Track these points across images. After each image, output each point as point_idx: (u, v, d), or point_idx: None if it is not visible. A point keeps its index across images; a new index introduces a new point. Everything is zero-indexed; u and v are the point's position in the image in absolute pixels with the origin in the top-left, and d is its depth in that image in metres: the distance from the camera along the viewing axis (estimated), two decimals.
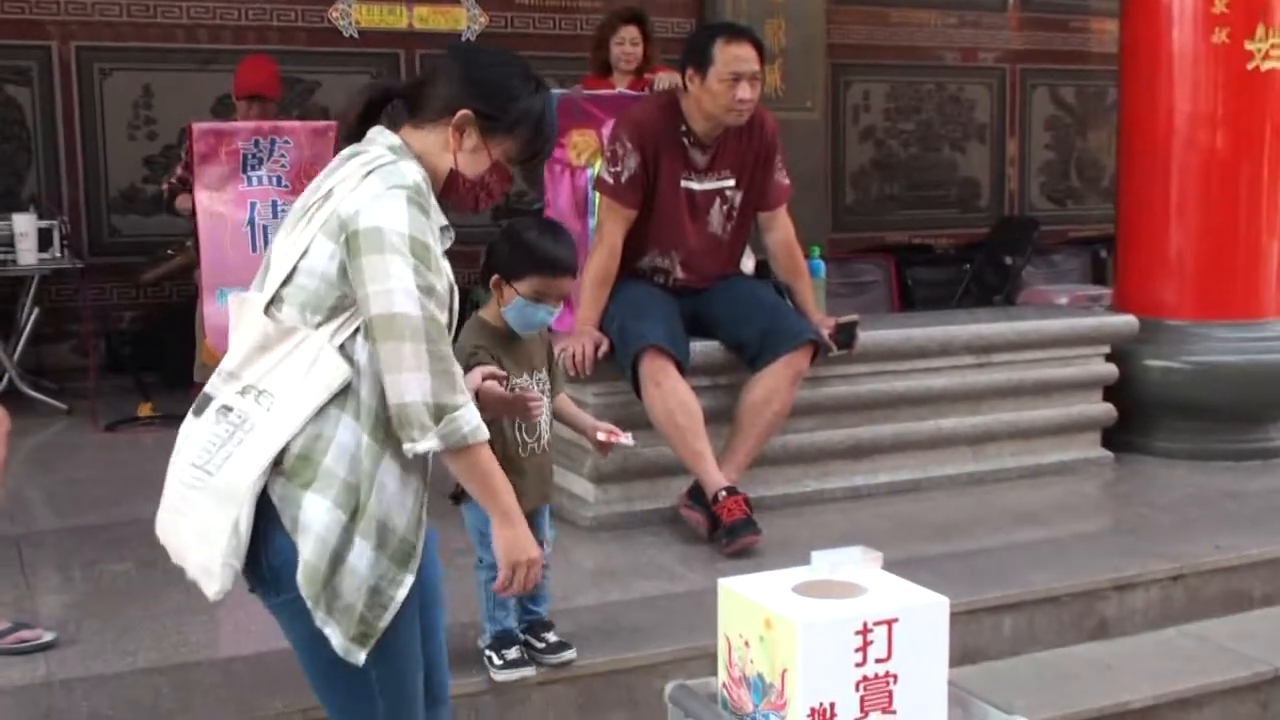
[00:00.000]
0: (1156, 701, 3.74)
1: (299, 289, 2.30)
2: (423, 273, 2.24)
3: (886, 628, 2.33)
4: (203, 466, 2.28)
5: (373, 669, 2.31)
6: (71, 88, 7.94)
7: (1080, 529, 4.62)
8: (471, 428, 2.28)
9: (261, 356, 2.32)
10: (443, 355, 2.25)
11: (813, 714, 2.28)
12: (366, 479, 2.27)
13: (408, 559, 2.30)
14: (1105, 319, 5.53)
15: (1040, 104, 10.80)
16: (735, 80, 4.36)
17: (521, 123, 2.45)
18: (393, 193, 2.27)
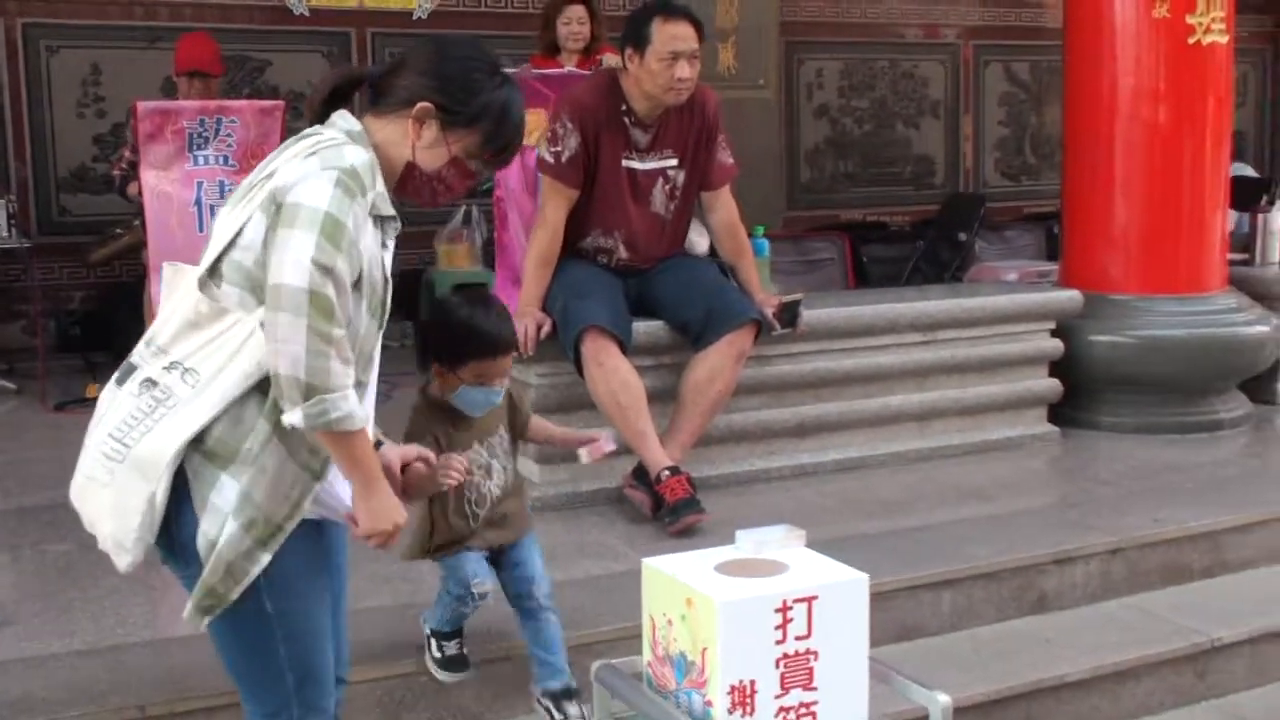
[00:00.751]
0: (1094, 674, 3.77)
1: (235, 265, 2.29)
2: (325, 250, 2.20)
3: (806, 605, 2.35)
4: (121, 439, 2.28)
5: (282, 646, 2.34)
6: (19, 65, 7.89)
7: (1023, 504, 4.65)
8: (340, 414, 2.22)
9: (192, 333, 2.32)
10: (323, 334, 2.18)
11: (732, 691, 2.29)
12: (249, 458, 2.27)
13: (269, 540, 2.29)
14: (1050, 294, 5.55)
15: (994, 80, 10.84)
16: (673, 59, 4.36)
17: (482, 117, 2.43)
18: (326, 173, 2.26)
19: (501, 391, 3.09)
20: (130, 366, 2.35)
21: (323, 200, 2.22)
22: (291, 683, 2.38)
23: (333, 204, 2.23)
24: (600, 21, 6.52)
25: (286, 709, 2.39)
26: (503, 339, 3.05)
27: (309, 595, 2.38)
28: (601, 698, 2.54)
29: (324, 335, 2.19)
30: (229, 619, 2.32)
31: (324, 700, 2.44)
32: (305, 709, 2.40)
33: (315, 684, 2.41)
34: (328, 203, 2.22)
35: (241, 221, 2.30)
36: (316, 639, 2.41)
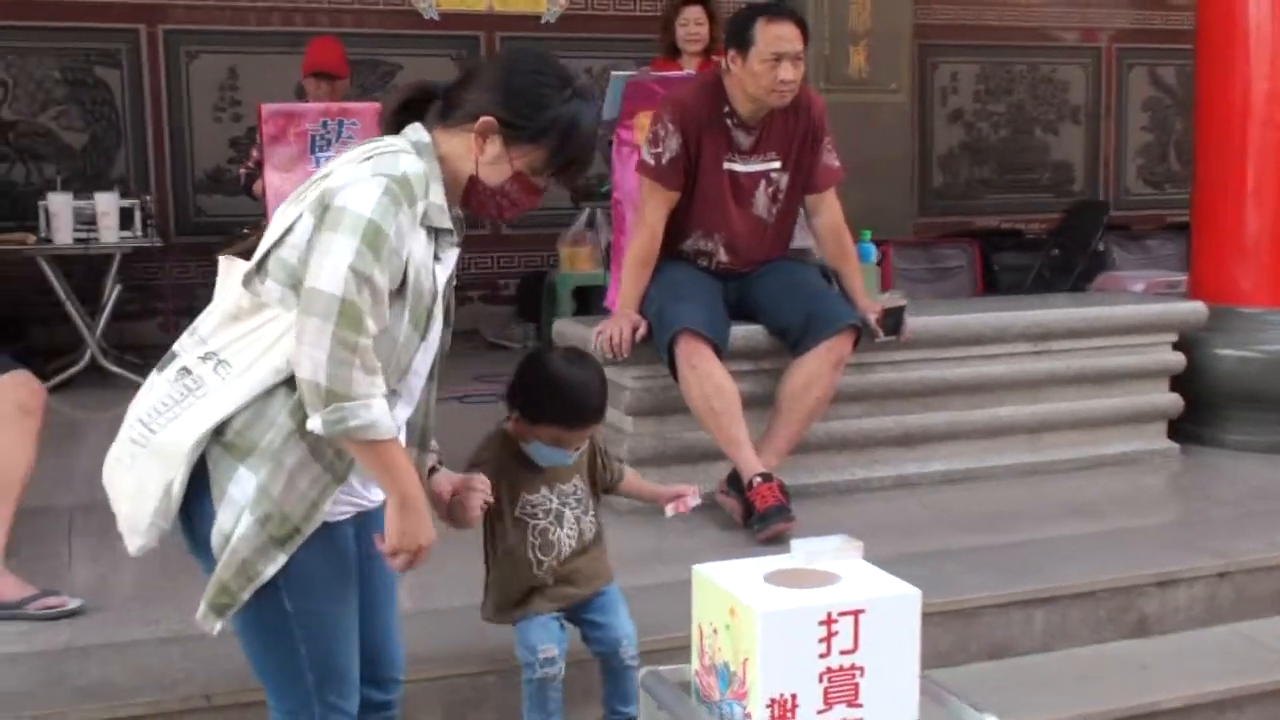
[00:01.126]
0: (1190, 702, 3.61)
1: (281, 262, 2.31)
2: (365, 257, 2.20)
3: (853, 619, 2.28)
4: (148, 425, 2.32)
5: (302, 646, 2.35)
6: (159, 70, 8.14)
7: (1130, 522, 4.48)
8: (359, 423, 2.21)
9: (232, 325, 2.34)
10: (348, 342, 2.19)
11: (773, 704, 2.24)
12: (271, 453, 2.27)
13: (287, 541, 2.29)
14: (1172, 306, 5.36)
15: (1138, 84, 10.53)
16: (777, 61, 4.30)
17: (547, 133, 2.41)
18: (375, 180, 2.26)
19: (575, 455, 3.02)
20: (172, 354, 2.39)
21: (367, 207, 2.23)
22: (311, 682, 2.38)
23: (377, 211, 2.23)
24: (719, 23, 6.48)
25: (307, 708, 2.40)
26: (589, 412, 2.97)
27: (331, 596, 2.38)
28: (647, 705, 2.51)
29: (348, 343, 2.19)
30: (250, 617, 2.33)
31: (346, 701, 2.43)
32: (327, 708, 2.40)
33: (337, 684, 2.41)
34: (372, 209, 2.23)
35: (292, 219, 2.32)
36: (338, 640, 2.41)
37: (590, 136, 2.49)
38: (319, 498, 2.31)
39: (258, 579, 2.28)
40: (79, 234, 6.87)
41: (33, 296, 7.52)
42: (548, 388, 2.95)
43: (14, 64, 7.92)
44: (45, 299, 7.20)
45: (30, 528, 4.25)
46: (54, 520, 4.40)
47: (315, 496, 2.31)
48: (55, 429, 5.30)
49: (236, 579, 2.28)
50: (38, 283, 7.12)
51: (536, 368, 3.02)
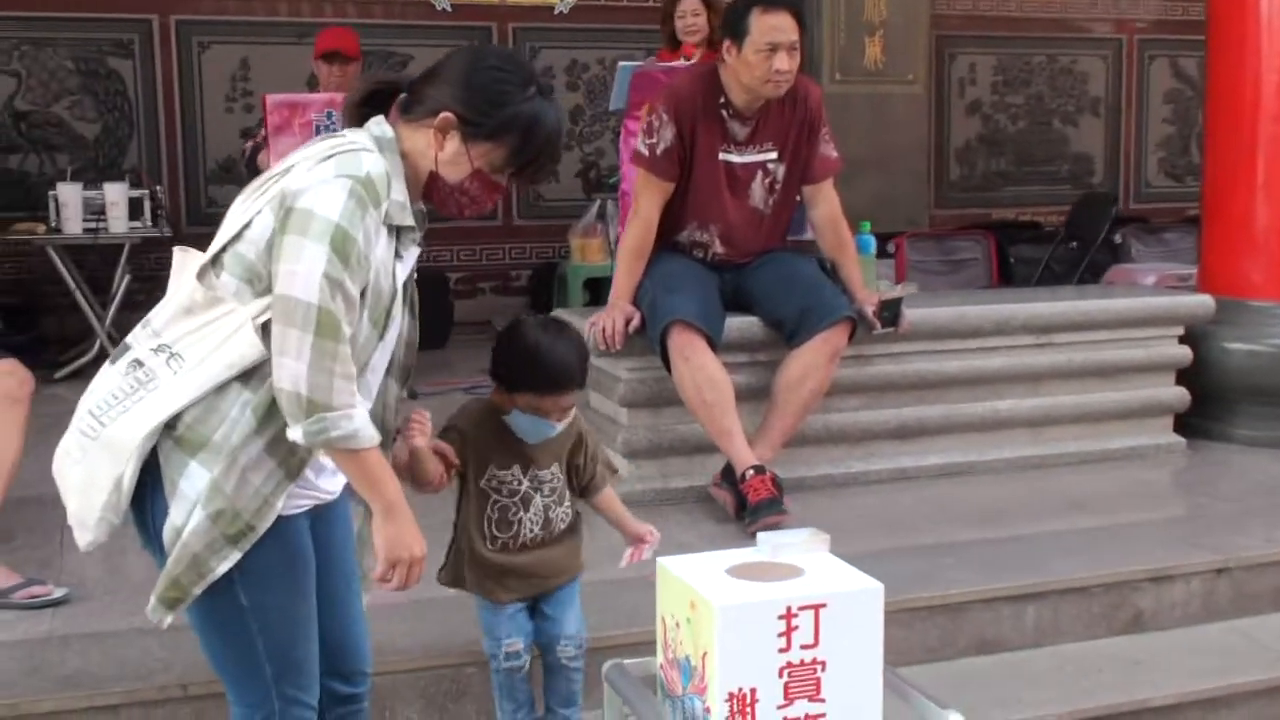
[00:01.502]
0: (1181, 700, 3.57)
1: (239, 257, 2.28)
2: (335, 265, 2.18)
3: (814, 613, 2.25)
4: (99, 417, 2.29)
5: (259, 639, 2.34)
6: (171, 60, 8.13)
7: (1129, 517, 4.43)
8: (340, 433, 2.21)
9: (185, 319, 2.30)
10: (329, 351, 2.18)
11: (731, 699, 2.21)
12: (229, 451, 2.24)
13: (240, 538, 2.26)
14: (1178, 299, 5.31)
15: (1159, 76, 10.40)
16: (771, 51, 4.27)
17: (506, 131, 2.36)
18: (339, 181, 2.22)
19: (557, 427, 2.97)
20: (125, 346, 2.36)
21: (334, 211, 2.20)
22: (270, 675, 2.36)
23: (344, 216, 2.20)
24: (719, 13, 6.44)
25: (267, 701, 2.38)
26: (563, 377, 2.93)
27: (287, 589, 2.35)
28: (611, 698, 2.49)
29: (329, 352, 2.18)
30: (205, 611, 2.32)
31: (305, 693, 2.41)
32: (286, 701, 2.38)
33: (295, 676, 2.39)
34: (339, 214, 2.20)
35: (250, 215, 2.28)
36: (296, 632, 2.39)
37: (552, 136, 2.43)
38: (272, 494, 2.29)
39: (209, 575, 2.26)
40: (89, 224, 6.89)
41: (45, 286, 7.57)
42: (523, 354, 2.92)
43: (28, 54, 7.94)
44: (57, 289, 7.22)
45: (25, 516, 4.27)
46: (49, 509, 4.36)
47: (268, 493, 2.28)
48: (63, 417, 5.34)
49: (187, 574, 2.26)
50: (49, 272, 7.15)
51: (513, 335, 2.99)
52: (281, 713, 2.38)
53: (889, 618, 3.39)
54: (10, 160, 7.94)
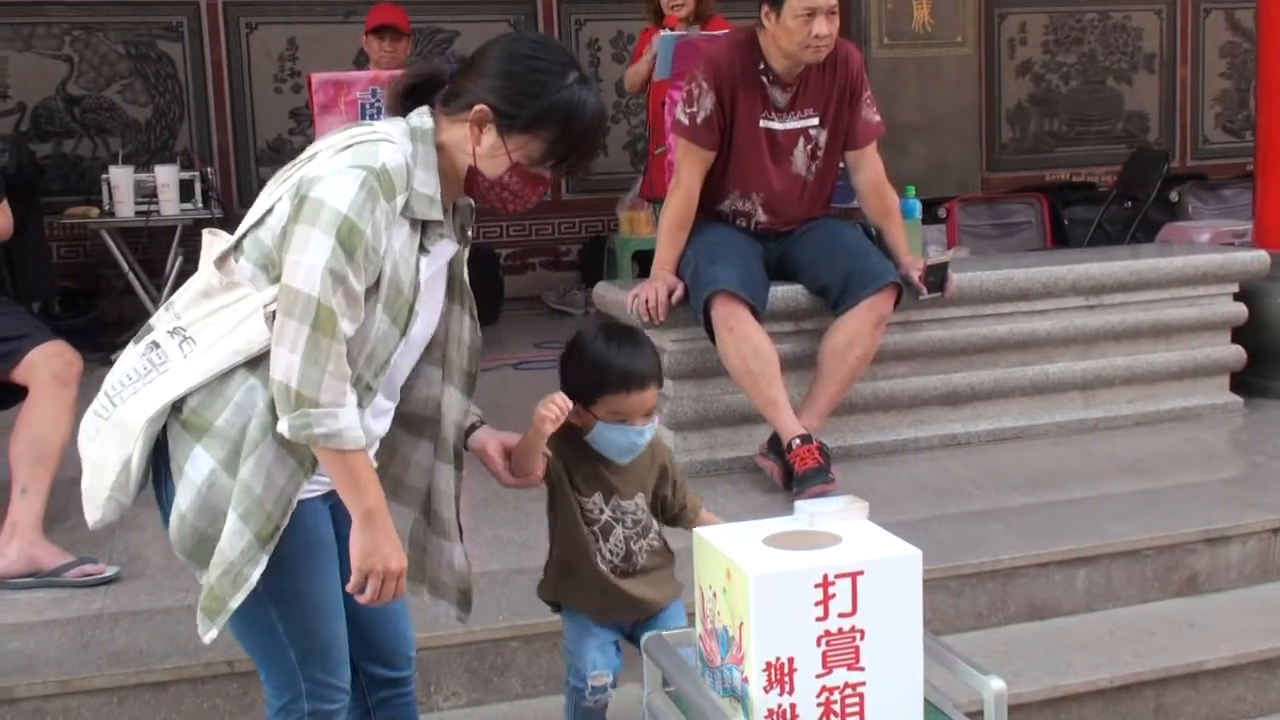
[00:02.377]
0: (1236, 661, 3.53)
1: (257, 243, 2.27)
2: (340, 258, 2.15)
3: (851, 580, 2.23)
4: (112, 397, 2.31)
5: (279, 624, 2.34)
6: (220, 42, 8.20)
7: (1183, 479, 4.36)
8: (324, 431, 2.17)
9: (202, 302, 2.30)
10: (323, 347, 2.15)
11: (769, 668, 2.21)
12: (250, 446, 2.23)
13: (268, 540, 2.24)
14: (1232, 255, 5.21)
15: (1215, 29, 10.23)
16: (810, 15, 4.22)
17: (543, 122, 2.29)
18: (352, 172, 2.19)
19: (646, 433, 2.73)
20: (148, 327, 2.37)
21: (344, 202, 2.16)
22: (294, 659, 2.36)
23: (353, 207, 2.16)
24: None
25: (295, 683, 2.37)
26: (640, 371, 2.71)
27: (303, 573, 2.34)
28: (650, 669, 2.49)
29: (323, 348, 2.15)
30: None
31: (333, 675, 2.40)
32: (314, 685, 2.38)
33: (320, 660, 2.38)
34: (348, 205, 2.16)
35: (273, 201, 2.27)
36: (317, 615, 2.37)
37: (591, 126, 2.34)
38: (294, 492, 2.27)
39: (244, 584, 2.24)
40: (141, 207, 6.96)
41: (100, 269, 7.66)
42: (594, 358, 2.74)
43: (79, 40, 8.02)
44: (112, 271, 7.32)
45: (77, 496, 4.25)
46: None
47: (291, 491, 2.27)
48: None
49: (221, 582, 2.24)
50: (104, 256, 7.24)
51: (578, 345, 2.80)
52: (309, 694, 2.38)
53: (938, 585, 3.43)
54: (64, 145, 8.04)
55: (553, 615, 2.91)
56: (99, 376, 4.21)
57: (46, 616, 3.40)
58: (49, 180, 7.73)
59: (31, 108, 7.98)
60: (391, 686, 2.63)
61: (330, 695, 2.40)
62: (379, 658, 2.58)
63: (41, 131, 7.97)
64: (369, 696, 2.62)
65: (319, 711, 2.39)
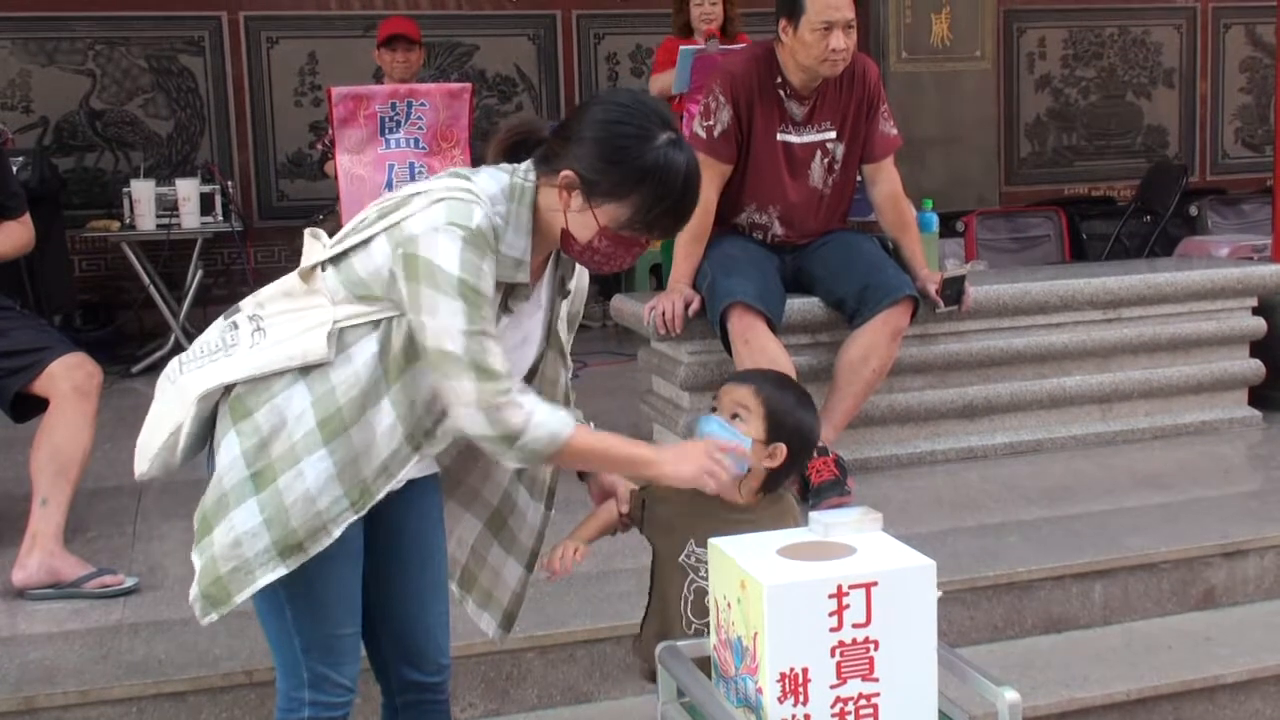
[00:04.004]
0: (1254, 676, 3.52)
1: (349, 268, 2.31)
2: (474, 318, 2.21)
3: (865, 591, 2.24)
4: (184, 364, 2.40)
5: (287, 608, 2.37)
6: (241, 56, 8.25)
7: (1201, 492, 4.36)
8: (542, 442, 2.27)
9: (282, 300, 2.36)
10: (494, 390, 2.23)
11: (783, 678, 2.21)
12: (288, 457, 2.27)
13: (289, 554, 2.28)
14: (1251, 269, 5.20)
15: (1235, 44, 10.21)
16: (827, 29, 4.23)
17: (628, 188, 2.28)
18: (450, 229, 2.22)
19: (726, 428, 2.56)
20: (237, 307, 2.43)
21: (454, 263, 2.21)
22: (299, 647, 2.39)
23: (465, 268, 2.21)
24: (734, 3, 6.45)
25: (297, 672, 2.41)
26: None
27: (325, 573, 2.35)
28: (664, 679, 2.49)
29: (495, 391, 2.23)
30: None
31: (336, 673, 2.42)
32: (315, 677, 2.41)
33: (324, 654, 2.41)
34: (459, 267, 2.21)
35: (369, 234, 2.30)
36: (327, 613, 2.40)
37: (681, 190, 2.31)
38: (332, 523, 2.29)
39: (253, 585, 2.28)
40: (161, 220, 7.01)
41: (121, 282, 7.71)
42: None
43: (101, 54, 8.08)
44: (133, 284, 7.37)
45: (98, 507, 4.37)
46: (124, 500, 4.49)
47: (329, 520, 2.29)
48: (137, 410, 5.40)
49: (232, 577, 2.28)
50: (125, 268, 7.29)
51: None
52: (311, 685, 2.41)
53: (954, 597, 3.43)
54: (86, 158, 8.09)
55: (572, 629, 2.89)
56: (120, 389, 4.24)
57: (66, 627, 3.42)
58: (71, 194, 7.79)
59: (54, 122, 8.04)
60: (420, 691, 2.64)
61: (332, 690, 2.43)
62: (410, 660, 2.61)
63: (64, 145, 8.03)
64: (397, 697, 2.65)
65: (319, 703, 2.42)
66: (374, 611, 2.56)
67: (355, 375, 2.28)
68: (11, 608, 3.56)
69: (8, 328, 3.80)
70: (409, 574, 2.58)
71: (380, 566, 2.52)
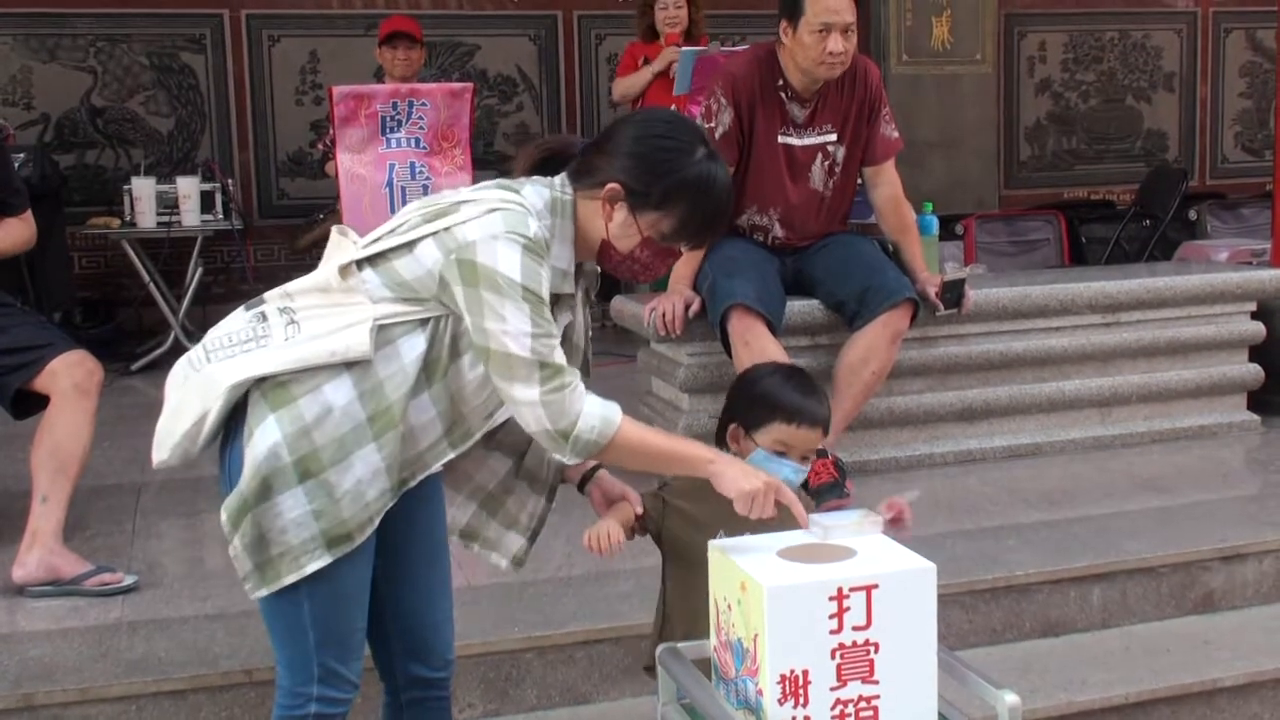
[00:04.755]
0: (1253, 680, 3.52)
1: (391, 269, 2.34)
2: (538, 322, 2.28)
3: (865, 594, 2.24)
4: (210, 352, 2.38)
5: (305, 602, 2.37)
6: (242, 54, 8.25)
7: (1199, 496, 4.36)
8: (597, 431, 2.32)
9: (317, 295, 2.38)
10: (556, 387, 2.29)
11: (783, 680, 2.22)
12: (335, 449, 2.30)
13: (337, 544, 2.32)
14: (1250, 273, 5.21)
15: (1235, 49, 10.21)
16: (825, 32, 4.24)
17: (674, 199, 2.39)
18: (511, 238, 2.28)
19: (802, 472, 2.67)
20: (261, 299, 2.44)
21: (515, 270, 2.27)
22: (312, 641, 2.40)
23: (525, 274, 2.27)
24: (699, 6, 6.48)
25: (307, 667, 2.41)
26: (813, 410, 2.67)
27: (341, 564, 2.36)
28: (665, 680, 2.49)
29: (561, 388, 2.29)
30: None
31: (345, 666, 2.44)
32: (326, 671, 2.41)
33: (336, 648, 2.42)
34: (520, 274, 2.27)
35: (414, 236, 2.33)
36: (342, 606, 2.41)
37: (722, 200, 2.45)
38: (377, 513, 2.35)
39: (299, 571, 2.32)
40: (162, 218, 7.01)
41: (120, 279, 7.71)
42: (767, 391, 2.70)
43: (103, 51, 8.07)
44: (132, 282, 7.38)
45: (99, 504, 4.38)
46: (123, 497, 4.50)
47: (375, 510, 2.35)
48: (136, 408, 5.44)
49: (279, 562, 2.32)
50: (125, 266, 7.29)
51: (751, 380, 2.79)
52: (320, 679, 2.42)
53: (952, 600, 3.44)
54: (87, 156, 8.09)
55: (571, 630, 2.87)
56: (120, 386, 4.25)
57: (65, 625, 3.41)
58: (71, 190, 7.78)
59: (55, 118, 8.03)
60: (426, 687, 2.66)
61: (339, 685, 2.44)
62: (417, 655, 2.62)
63: (65, 142, 8.02)
64: (402, 694, 2.66)
65: (326, 698, 2.43)
66: (383, 607, 2.58)
67: (403, 372, 2.33)
68: (11, 605, 3.56)
69: (8, 325, 3.80)
70: (418, 569, 2.60)
71: (390, 563, 2.54)
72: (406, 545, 2.56)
